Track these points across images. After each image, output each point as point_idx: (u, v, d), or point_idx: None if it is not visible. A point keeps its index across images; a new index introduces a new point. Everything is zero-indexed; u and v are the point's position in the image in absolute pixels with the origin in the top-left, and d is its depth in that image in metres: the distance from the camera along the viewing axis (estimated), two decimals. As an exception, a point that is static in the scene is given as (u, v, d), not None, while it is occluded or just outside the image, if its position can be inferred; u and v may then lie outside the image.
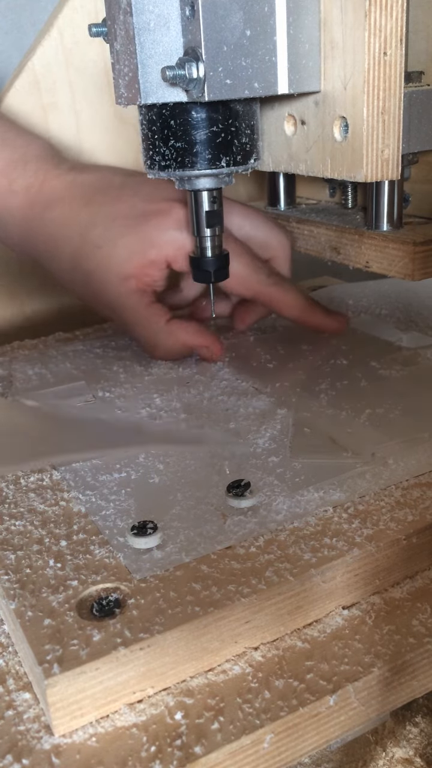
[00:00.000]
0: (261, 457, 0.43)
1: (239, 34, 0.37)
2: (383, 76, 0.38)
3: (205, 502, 0.39)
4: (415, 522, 0.36)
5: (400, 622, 0.33)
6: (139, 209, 0.54)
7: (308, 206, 0.60)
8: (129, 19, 0.37)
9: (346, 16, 0.37)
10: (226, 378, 0.54)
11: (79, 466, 0.43)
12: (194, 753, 0.28)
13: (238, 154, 0.43)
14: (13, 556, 0.35)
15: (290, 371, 0.55)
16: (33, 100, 0.65)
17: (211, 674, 0.31)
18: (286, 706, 0.29)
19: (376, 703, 0.31)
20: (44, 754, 0.28)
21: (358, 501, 0.38)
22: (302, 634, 0.33)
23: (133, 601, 0.32)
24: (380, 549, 0.35)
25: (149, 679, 0.30)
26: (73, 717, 0.29)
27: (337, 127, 0.40)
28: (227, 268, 0.50)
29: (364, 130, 0.38)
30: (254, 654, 0.32)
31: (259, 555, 0.34)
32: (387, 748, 0.45)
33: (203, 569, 0.33)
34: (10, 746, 0.28)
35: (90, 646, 0.30)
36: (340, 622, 0.34)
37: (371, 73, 0.37)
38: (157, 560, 0.34)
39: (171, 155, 0.42)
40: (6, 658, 0.33)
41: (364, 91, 0.38)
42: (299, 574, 0.33)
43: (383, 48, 0.37)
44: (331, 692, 0.30)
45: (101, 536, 0.36)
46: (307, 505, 0.38)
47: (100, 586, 0.33)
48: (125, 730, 0.29)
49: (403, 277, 0.48)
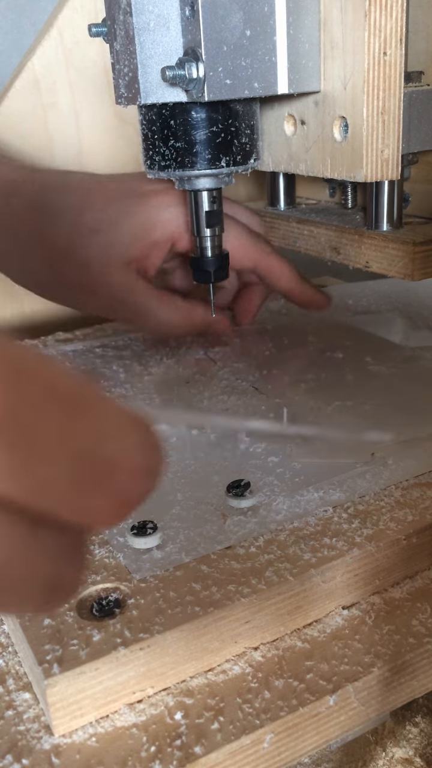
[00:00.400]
0: (261, 457, 0.43)
1: (239, 34, 0.37)
2: (383, 76, 0.38)
3: (205, 502, 0.39)
4: (415, 522, 0.36)
5: (400, 622, 0.33)
6: (135, 190, 0.52)
7: (308, 206, 0.60)
8: (129, 19, 0.38)
9: (346, 16, 0.37)
10: (226, 378, 0.54)
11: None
12: (194, 753, 0.28)
13: (237, 154, 0.43)
14: (13, 556, 0.35)
15: (290, 371, 0.55)
16: (33, 100, 0.65)
17: (211, 674, 0.31)
18: (286, 706, 0.29)
19: (376, 703, 0.31)
20: (44, 754, 0.28)
21: (358, 501, 0.38)
22: (302, 634, 0.33)
23: (133, 601, 0.32)
24: (380, 549, 0.35)
25: (149, 679, 0.30)
26: (73, 717, 0.29)
27: (337, 127, 0.40)
28: (227, 268, 0.50)
29: (364, 130, 0.38)
30: (254, 654, 0.32)
31: (259, 555, 0.34)
32: (387, 748, 0.45)
33: (203, 569, 0.33)
34: (10, 746, 0.28)
35: (90, 646, 0.30)
36: (340, 622, 0.34)
37: (371, 73, 0.37)
38: (157, 560, 0.34)
39: (171, 155, 0.43)
40: (6, 658, 0.33)
41: (364, 91, 0.38)
42: (299, 574, 0.33)
43: (383, 48, 0.37)
44: (331, 692, 0.30)
45: (101, 536, 0.36)
46: (307, 505, 0.38)
47: (100, 586, 0.33)
48: (125, 730, 0.29)
49: (403, 277, 0.48)
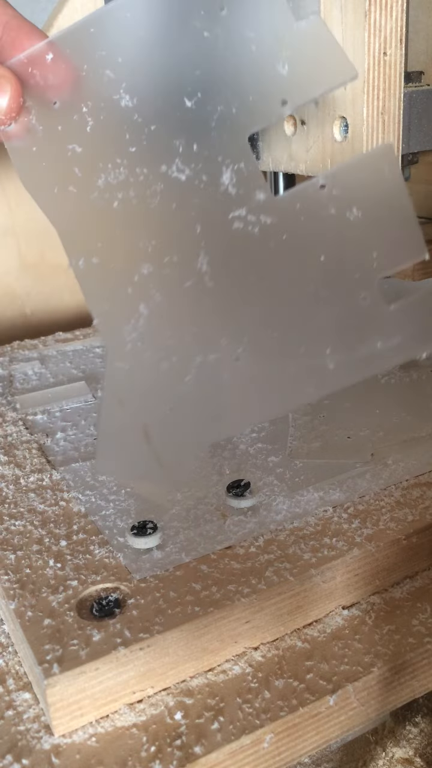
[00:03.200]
0: (261, 457, 0.43)
1: (239, 34, 0.37)
2: (383, 76, 0.38)
3: (205, 502, 0.39)
4: (415, 522, 0.36)
5: (400, 622, 0.33)
6: None
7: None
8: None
9: (346, 16, 0.37)
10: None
11: (79, 466, 0.43)
12: (194, 753, 0.28)
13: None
14: (13, 556, 0.35)
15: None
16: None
17: (211, 674, 0.31)
18: (286, 706, 0.29)
19: (376, 703, 0.31)
20: (44, 754, 0.28)
21: (357, 501, 0.38)
22: (302, 634, 0.33)
23: (133, 601, 0.32)
24: (380, 549, 0.35)
25: (149, 679, 0.30)
26: (73, 717, 0.29)
27: (337, 127, 0.40)
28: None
29: (364, 130, 0.38)
30: (254, 654, 0.32)
31: (259, 555, 0.34)
32: (387, 748, 0.45)
33: (203, 569, 0.33)
34: (10, 746, 0.28)
35: (90, 646, 0.30)
36: (340, 622, 0.34)
37: (371, 73, 0.37)
38: (157, 560, 0.34)
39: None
40: (6, 658, 0.33)
41: (364, 91, 0.38)
42: (299, 574, 0.33)
43: (383, 48, 0.37)
44: (331, 692, 0.30)
45: (101, 536, 0.36)
46: (307, 505, 0.38)
47: (99, 586, 0.33)
48: (125, 730, 0.29)
49: (403, 277, 0.48)
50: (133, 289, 0.31)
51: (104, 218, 0.31)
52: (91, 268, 0.32)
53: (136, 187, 0.30)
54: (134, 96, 0.29)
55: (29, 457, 0.44)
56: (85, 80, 0.30)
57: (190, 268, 0.30)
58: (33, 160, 0.32)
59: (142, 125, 0.29)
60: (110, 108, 0.30)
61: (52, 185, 0.31)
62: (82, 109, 0.30)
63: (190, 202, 0.29)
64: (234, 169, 0.28)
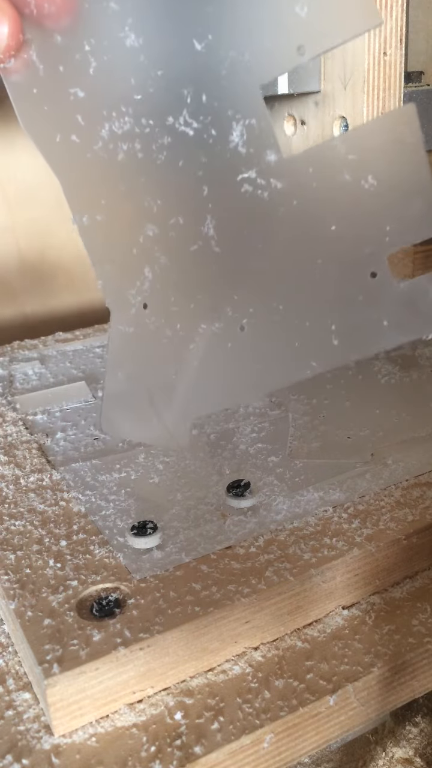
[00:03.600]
0: (261, 457, 0.43)
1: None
2: (383, 76, 0.38)
3: (205, 502, 0.39)
4: (415, 522, 0.36)
5: (400, 622, 0.33)
6: None
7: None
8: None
9: (346, 16, 0.37)
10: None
11: (79, 466, 0.43)
12: (194, 753, 0.28)
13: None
14: (13, 556, 0.35)
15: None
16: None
17: (211, 674, 0.31)
18: (286, 706, 0.29)
19: (376, 703, 0.31)
20: (44, 754, 0.28)
21: (358, 501, 0.38)
22: (302, 634, 0.33)
23: (133, 601, 0.32)
24: (380, 549, 0.35)
25: (149, 679, 0.30)
26: (73, 717, 0.29)
27: (337, 127, 0.40)
28: None
29: (364, 130, 0.38)
30: (254, 654, 0.32)
31: (259, 555, 0.34)
32: (387, 748, 0.45)
33: (203, 569, 0.33)
34: (10, 746, 0.28)
35: (90, 646, 0.30)
36: (340, 622, 0.34)
37: (371, 73, 0.38)
38: (157, 560, 0.34)
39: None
40: (6, 658, 0.33)
41: (364, 91, 0.38)
42: (299, 574, 0.33)
43: (383, 48, 0.37)
44: (331, 692, 0.30)
45: (101, 536, 0.36)
46: (307, 505, 0.38)
47: (99, 586, 0.33)
48: (125, 730, 0.29)
49: (403, 277, 0.48)
50: (138, 250, 0.29)
51: (108, 172, 0.29)
52: (94, 226, 0.30)
53: (142, 139, 0.28)
54: (140, 35, 0.27)
55: (29, 457, 0.44)
56: (87, 12, 0.27)
57: (196, 232, 0.28)
58: (34, 102, 0.30)
59: (149, 69, 0.27)
60: (114, 47, 0.27)
61: (54, 132, 0.29)
62: (84, 47, 0.28)
63: (198, 160, 0.27)
64: (245, 125, 0.26)
